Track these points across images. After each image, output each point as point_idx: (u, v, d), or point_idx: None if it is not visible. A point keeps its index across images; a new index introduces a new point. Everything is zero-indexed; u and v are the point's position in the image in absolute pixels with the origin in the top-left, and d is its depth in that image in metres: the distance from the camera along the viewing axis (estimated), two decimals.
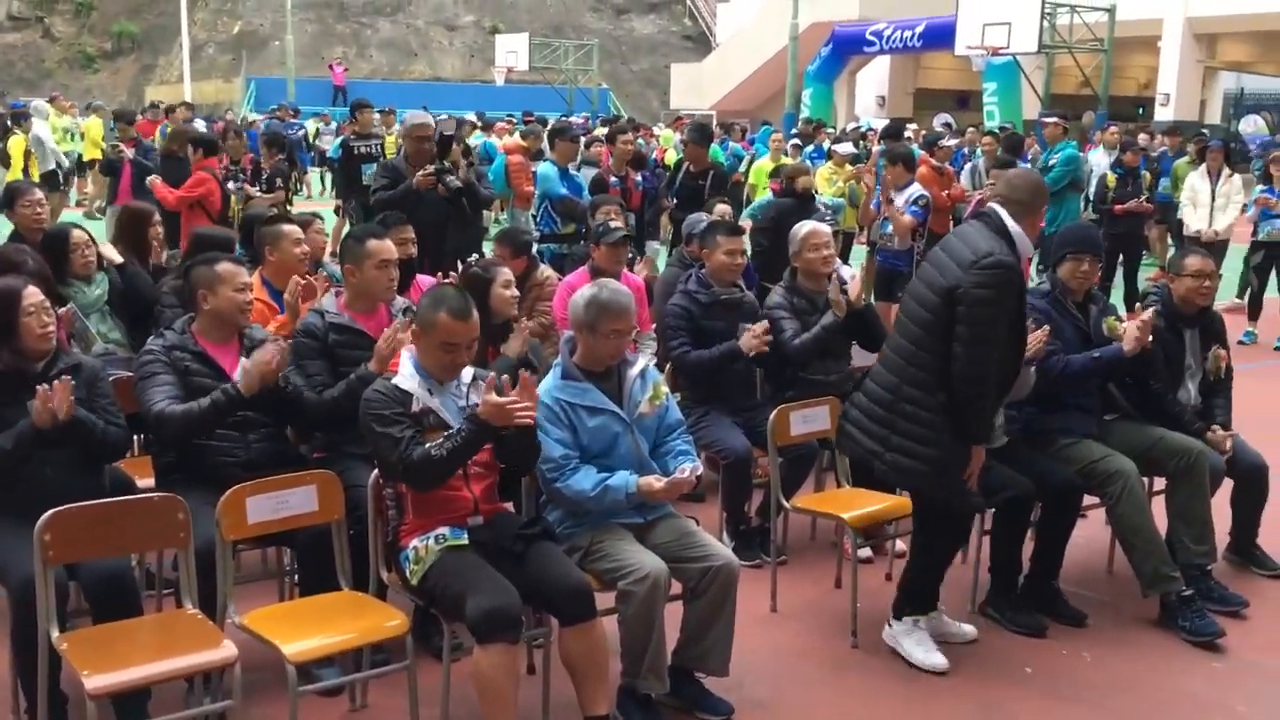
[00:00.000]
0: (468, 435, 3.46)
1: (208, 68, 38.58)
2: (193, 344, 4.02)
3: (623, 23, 44.84)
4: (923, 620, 4.26)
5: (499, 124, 19.84)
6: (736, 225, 5.83)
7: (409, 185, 7.20)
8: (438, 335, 3.59)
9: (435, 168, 7.25)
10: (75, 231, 5.28)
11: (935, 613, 4.34)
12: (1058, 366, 4.59)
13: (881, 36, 26.01)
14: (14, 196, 5.80)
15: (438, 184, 7.20)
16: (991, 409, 4.05)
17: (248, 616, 3.45)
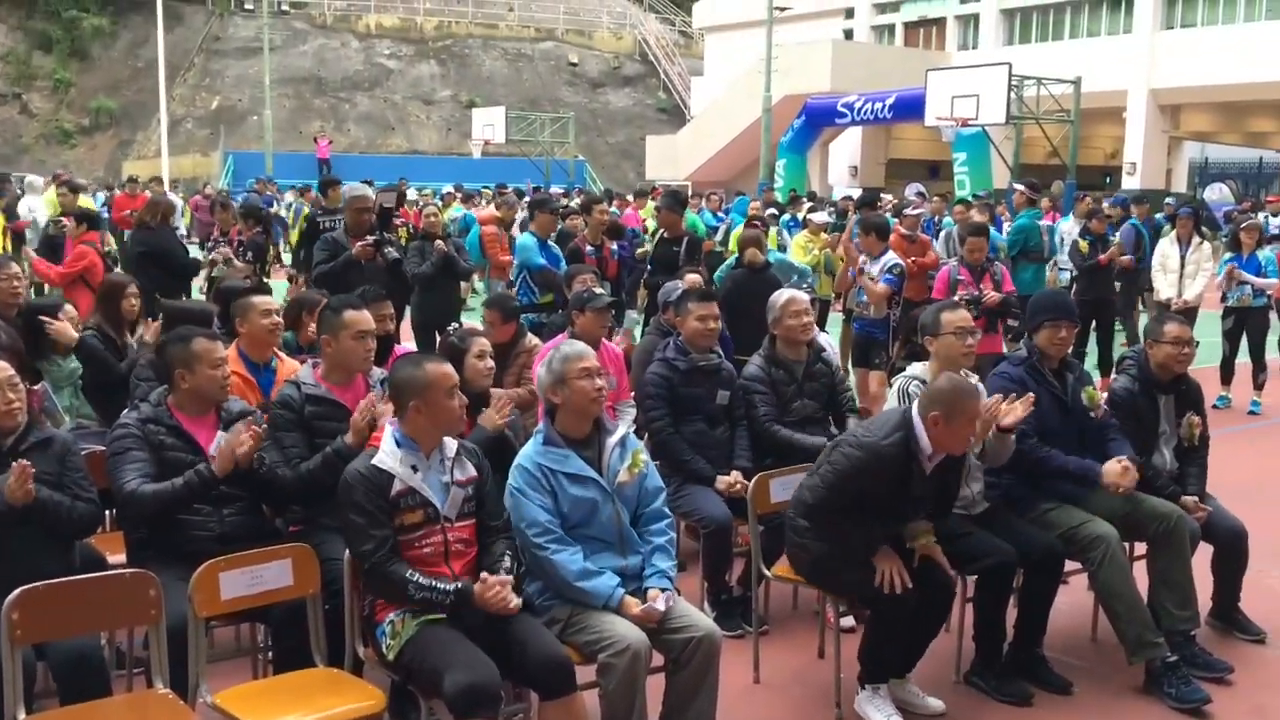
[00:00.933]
0: (452, 601, 3.44)
1: (185, 142, 38.79)
2: (168, 418, 3.98)
3: (598, 96, 45.47)
4: (883, 688, 4.21)
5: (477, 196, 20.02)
6: (708, 291, 5.86)
7: (348, 256, 7.27)
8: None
9: (374, 238, 7.33)
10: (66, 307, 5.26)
11: (900, 681, 4.29)
12: (1035, 453, 4.61)
13: (853, 108, 26.45)
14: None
15: (376, 254, 7.28)
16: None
17: (220, 695, 3.38)
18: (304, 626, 3.67)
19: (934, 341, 4.62)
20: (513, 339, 5.91)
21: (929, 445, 4.02)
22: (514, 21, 46.96)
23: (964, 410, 3.98)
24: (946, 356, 4.57)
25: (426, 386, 3.61)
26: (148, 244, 9.05)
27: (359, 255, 7.21)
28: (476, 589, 3.44)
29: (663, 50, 46.29)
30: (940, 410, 3.96)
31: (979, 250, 8.42)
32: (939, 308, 4.76)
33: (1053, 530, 4.58)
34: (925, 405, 4.03)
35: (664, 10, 49.47)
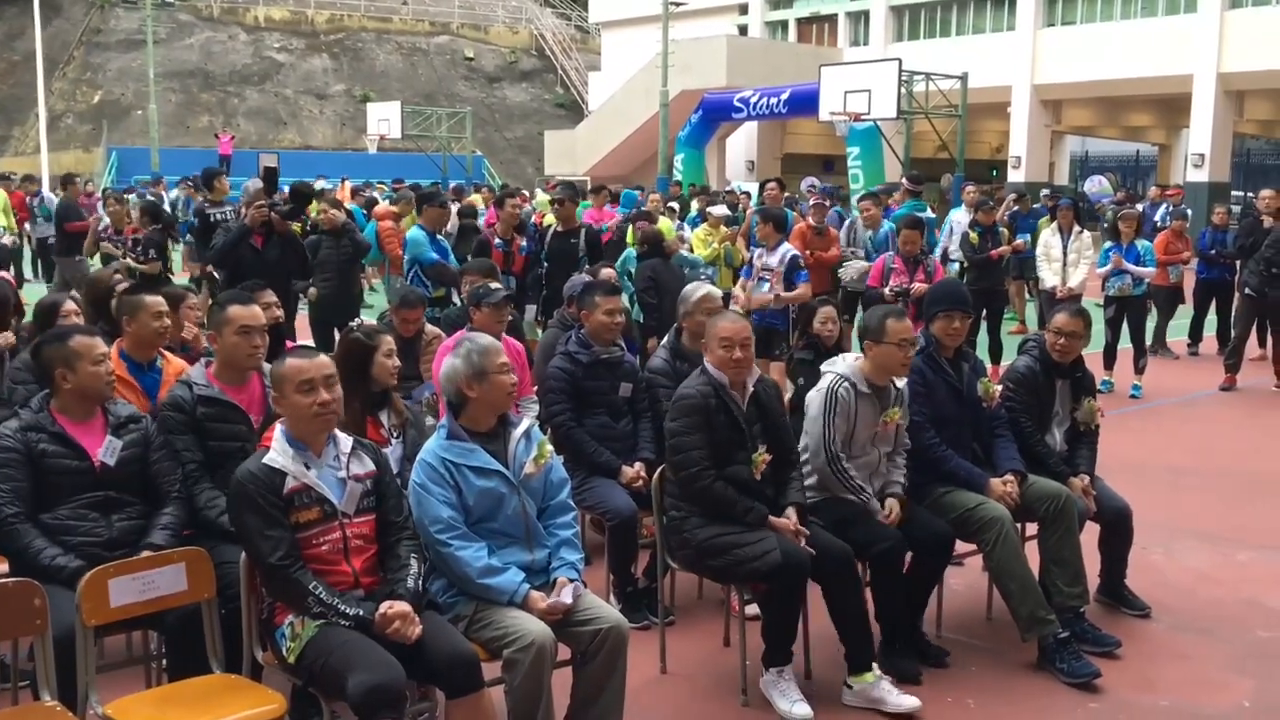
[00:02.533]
0: (351, 619, 3.36)
1: (66, 138, 37.40)
2: (51, 424, 3.81)
3: (495, 91, 45.12)
4: (787, 670, 4.26)
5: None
6: (614, 285, 5.86)
7: (242, 225, 7.14)
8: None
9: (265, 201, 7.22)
10: None
11: (866, 678, 4.31)
12: (932, 451, 4.80)
13: (749, 104, 26.70)
14: None
15: (270, 214, 7.18)
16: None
17: (111, 706, 3.27)
18: (199, 632, 3.57)
19: (874, 347, 4.66)
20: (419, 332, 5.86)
21: (725, 377, 4.40)
22: (408, 15, 46.35)
23: (713, 332, 4.45)
24: (883, 364, 4.65)
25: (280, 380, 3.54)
26: None
27: (252, 220, 7.04)
28: (377, 619, 3.36)
29: (559, 45, 46.15)
30: (705, 338, 4.55)
31: (912, 242, 8.58)
32: (885, 313, 4.73)
33: (947, 514, 4.70)
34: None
35: (560, 5, 49.34)
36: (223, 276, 7.34)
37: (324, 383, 3.55)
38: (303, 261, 7.77)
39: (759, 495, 4.37)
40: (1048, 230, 11.25)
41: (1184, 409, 10.29)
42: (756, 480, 4.39)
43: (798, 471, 4.59)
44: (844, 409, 4.60)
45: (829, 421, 4.60)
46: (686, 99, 28.72)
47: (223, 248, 7.00)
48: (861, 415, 4.65)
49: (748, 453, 4.38)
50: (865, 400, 4.65)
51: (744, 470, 4.36)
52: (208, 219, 10.23)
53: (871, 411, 4.66)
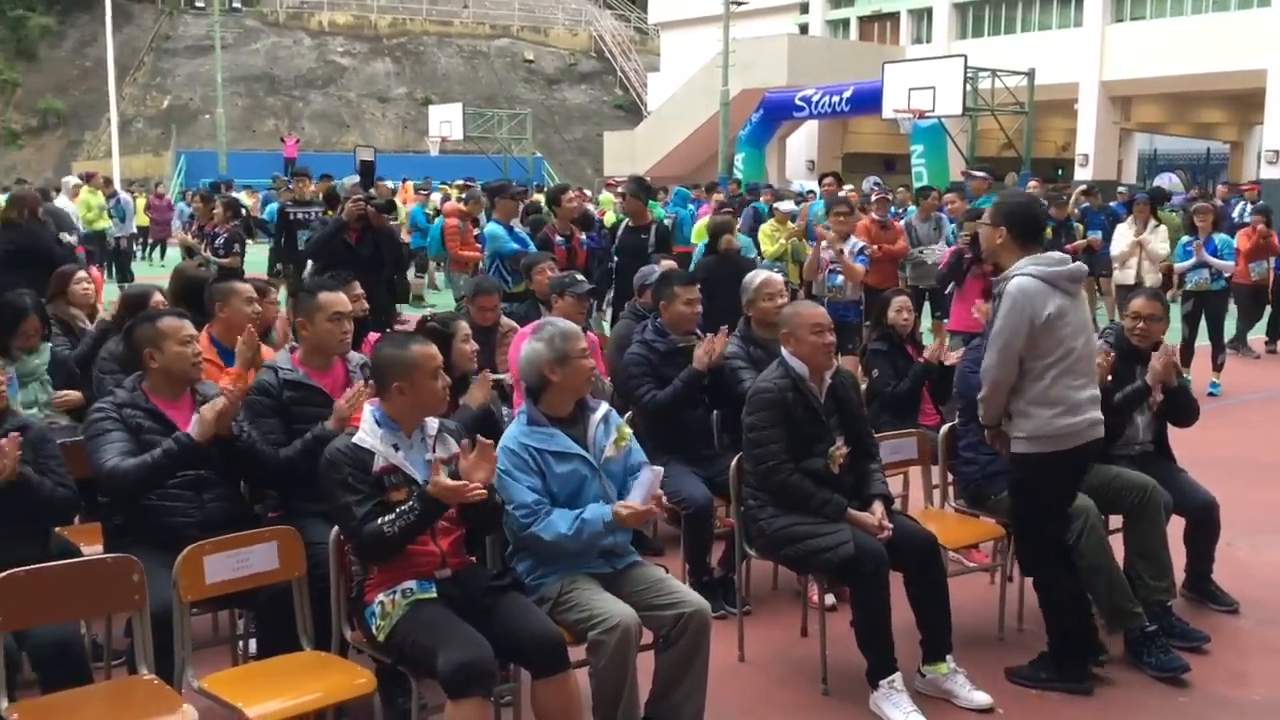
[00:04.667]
0: (420, 513, 3.39)
1: (137, 142, 38.24)
2: (144, 401, 3.91)
3: (555, 93, 45.36)
4: (898, 679, 4.15)
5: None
6: (691, 274, 5.88)
7: (338, 219, 7.20)
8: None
9: (361, 195, 7.29)
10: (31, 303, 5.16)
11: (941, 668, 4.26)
12: None
13: (810, 102, 26.57)
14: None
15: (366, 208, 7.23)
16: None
17: (206, 680, 3.32)
18: (290, 610, 3.62)
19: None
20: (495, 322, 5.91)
21: (800, 366, 4.35)
22: (468, 18, 46.76)
23: (801, 321, 4.39)
24: None
25: (412, 367, 3.57)
26: (14, 243, 8.49)
27: (350, 213, 7.12)
28: (431, 486, 3.36)
29: (618, 47, 46.26)
30: (787, 328, 4.43)
31: None
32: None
33: None
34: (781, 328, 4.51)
35: (619, 7, 49.45)
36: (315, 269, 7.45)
37: (443, 367, 3.64)
38: (396, 257, 7.86)
39: (837, 488, 4.34)
40: (1123, 225, 11.07)
41: (1266, 405, 10.06)
42: (834, 473, 4.36)
43: (878, 463, 4.55)
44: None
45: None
46: (747, 98, 28.64)
47: (318, 240, 7.10)
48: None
49: (826, 445, 4.36)
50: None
51: (820, 463, 4.33)
52: (288, 217, 10.40)
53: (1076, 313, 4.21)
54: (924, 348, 6.08)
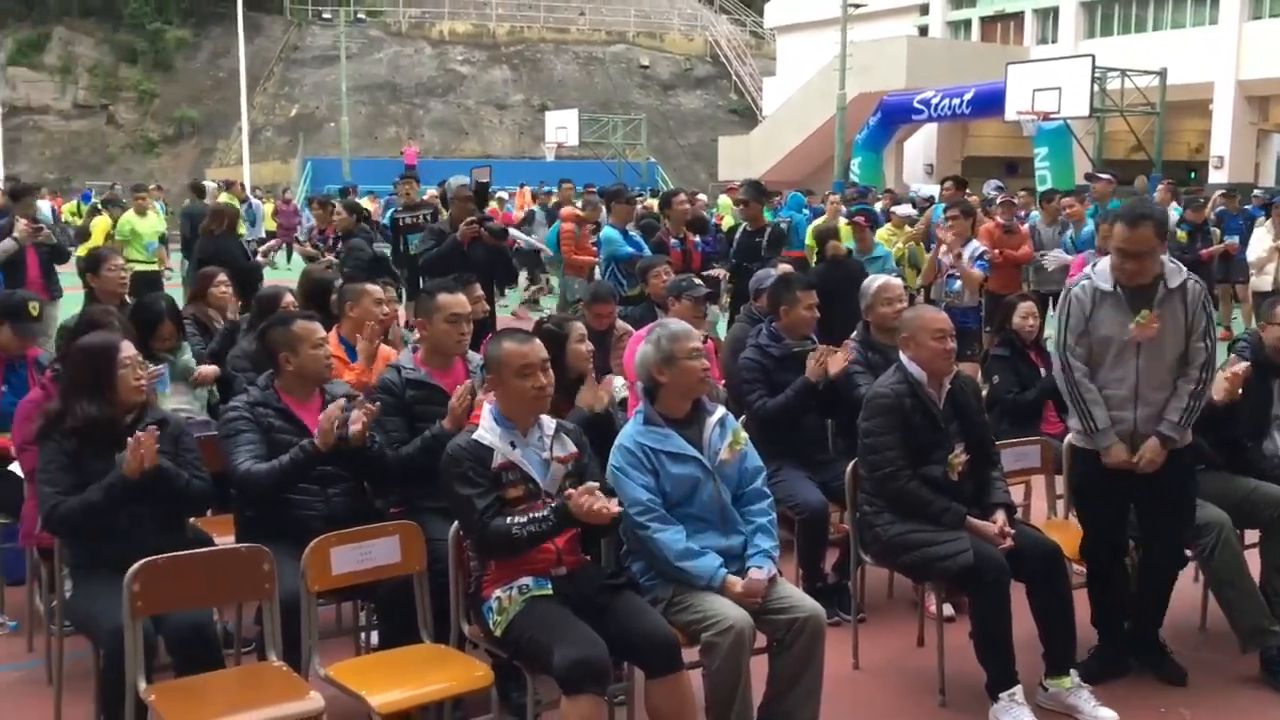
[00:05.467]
0: (553, 525, 3.44)
1: (265, 150, 39.60)
2: (275, 400, 4.05)
3: (670, 98, 45.50)
4: (1018, 692, 4.05)
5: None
6: (811, 280, 5.84)
7: (454, 239, 7.33)
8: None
9: (476, 216, 7.41)
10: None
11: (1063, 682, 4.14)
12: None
13: (929, 104, 26.13)
14: (99, 261, 5.97)
15: (480, 230, 7.35)
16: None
17: (332, 668, 3.43)
18: (411, 603, 3.71)
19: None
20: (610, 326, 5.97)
21: (920, 374, 4.27)
22: (585, 25, 47.21)
23: (922, 326, 4.31)
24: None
25: (501, 365, 3.64)
26: (205, 252, 9.15)
27: (464, 236, 7.29)
28: (570, 503, 3.40)
29: (734, 51, 46.18)
30: (907, 332, 4.35)
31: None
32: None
33: None
34: (901, 333, 4.43)
35: (735, 11, 49.38)
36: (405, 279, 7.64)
37: (541, 367, 3.64)
38: (506, 263, 8.02)
39: (956, 496, 4.26)
40: (1261, 229, 10.62)
41: None
42: (953, 480, 4.28)
43: (999, 471, 4.45)
44: (1079, 309, 4.19)
45: (1064, 323, 4.25)
46: (864, 101, 28.30)
47: (434, 258, 7.28)
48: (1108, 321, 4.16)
49: (945, 452, 4.28)
50: (1112, 302, 4.15)
51: (938, 470, 4.26)
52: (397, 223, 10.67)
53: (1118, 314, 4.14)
54: (1049, 354, 5.91)
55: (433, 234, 7.84)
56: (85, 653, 3.85)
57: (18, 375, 4.94)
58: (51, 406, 3.81)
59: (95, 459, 3.66)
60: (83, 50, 41.93)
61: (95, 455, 3.66)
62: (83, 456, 3.67)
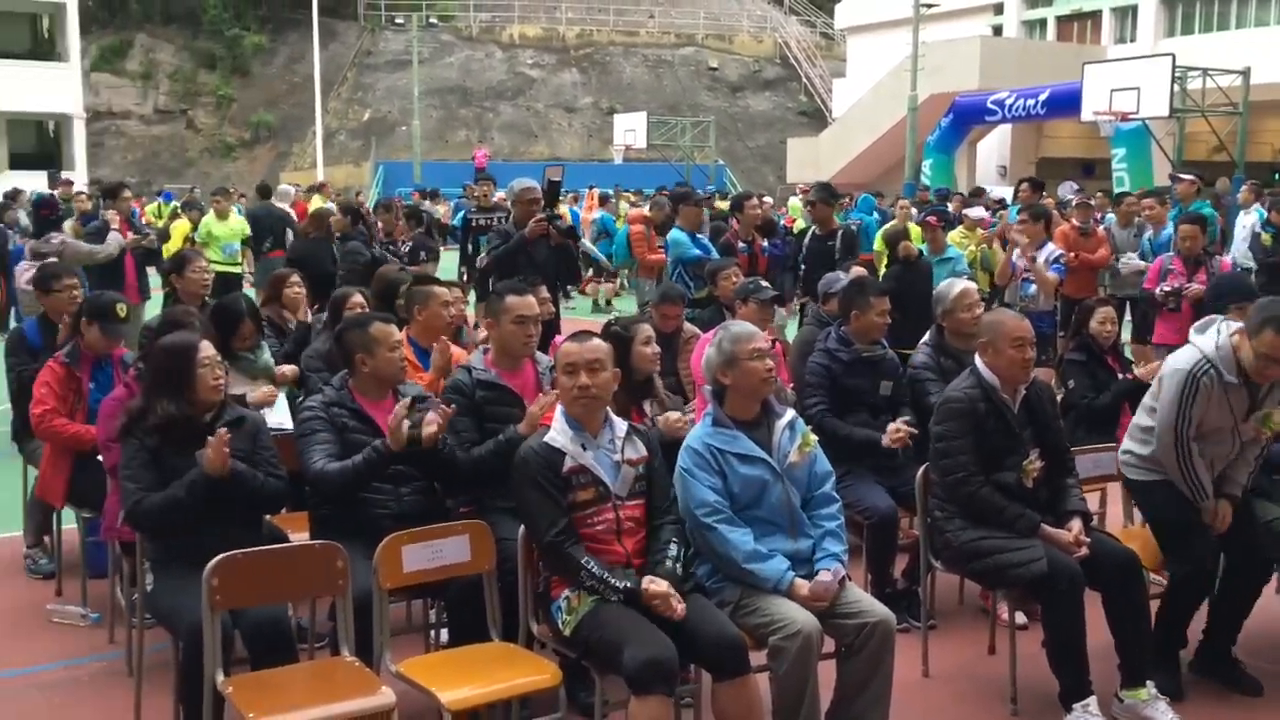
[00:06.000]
0: (619, 596, 3.45)
1: (339, 153, 40.23)
2: (350, 401, 4.11)
3: (738, 100, 45.39)
4: (1092, 703, 3.98)
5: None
6: (886, 285, 5.80)
7: (520, 236, 7.38)
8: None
9: (544, 214, 7.44)
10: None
11: (1140, 694, 4.06)
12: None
13: (1003, 105, 25.74)
14: (184, 263, 6.12)
15: (549, 229, 7.37)
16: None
17: (403, 664, 3.47)
18: (480, 601, 3.75)
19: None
20: (678, 329, 5.97)
21: (995, 379, 4.22)
22: (654, 28, 47.28)
23: (1003, 333, 4.20)
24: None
25: (556, 364, 3.69)
26: (296, 252, 9.40)
27: (531, 234, 7.33)
28: (644, 593, 3.44)
29: (804, 52, 45.93)
30: (986, 337, 4.27)
31: (1192, 239, 8.07)
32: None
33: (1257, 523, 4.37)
34: (978, 338, 4.36)
35: (805, 12, 49.12)
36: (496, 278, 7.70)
37: (586, 367, 3.65)
38: (571, 264, 8.05)
39: (1030, 503, 4.20)
40: None
41: None
42: (1028, 487, 4.22)
43: (1075, 478, 4.38)
44: (1204, 399, 4.16)
45: (1185, 410, 4.18)
46: (936, 103, 27.97)
47: (500, 256, 7.33)
48: (1221, 408, 4.19)
49: (1019, 459, 4.22)
50: (1233, 392, 4.18)
51: (1012, 476, 4.20)
52: (469, 224, 10.79)
53: (1236, 405, 4.19)
54: (1126, 360, 5.81)
55: (499, 234, 7.91)
56: (164, 645, 3.95)
57: (104, 373, 5.08)
58: (134, 404, 3.91)
59: (175, 456, 3.75)
60: (163, 56, 42.97)
61: (176, 452, 3.76)
62: (163, 454, 3.77)
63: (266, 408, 5.03)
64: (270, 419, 4.76)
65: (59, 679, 4.45)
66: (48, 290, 5.86)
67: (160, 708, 3.96)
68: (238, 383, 5.06)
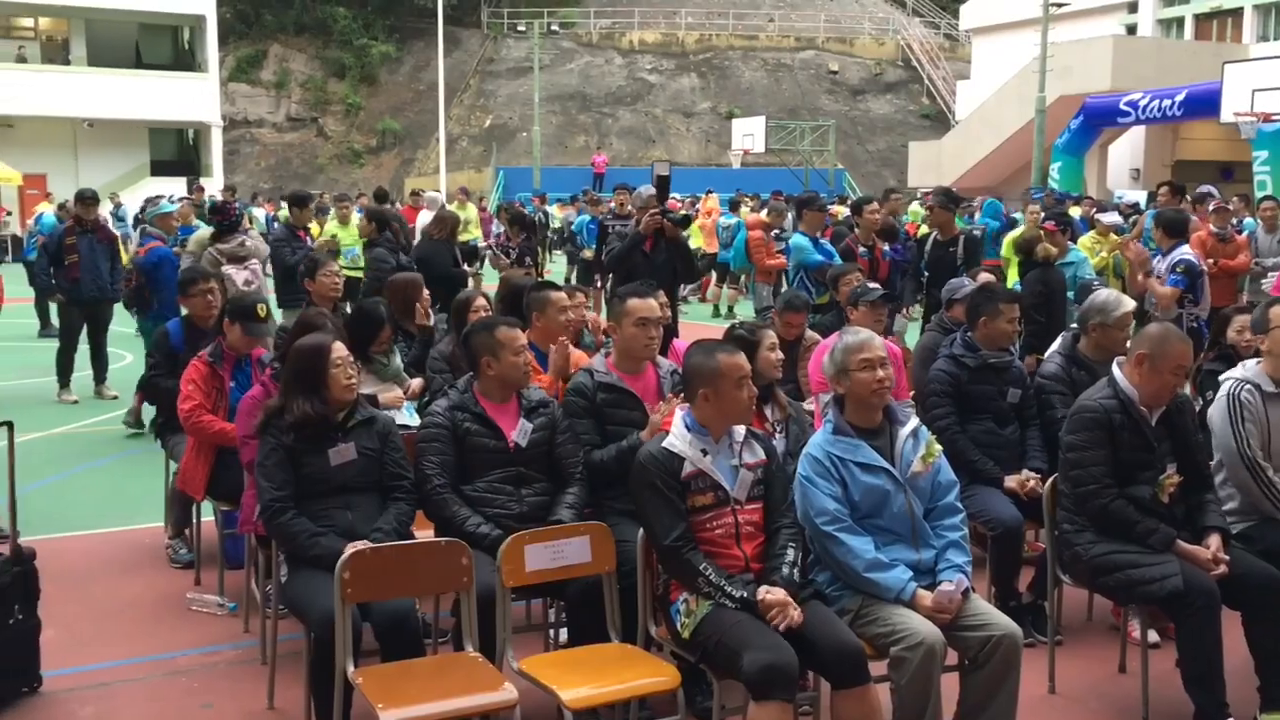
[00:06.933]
0: (734, 605, 3.44)
1: (461, 159, 41.06)
2: (474, 404, 4.18)
3: (858, 103, 44.90)
4: None
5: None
6: (1015, 292, 5.69)
7: (636, 233, 7.42)
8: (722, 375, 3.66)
9: (658, 209, 7.48)
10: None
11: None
12: None
13: (1137, 106, 24.94)
14: (316, 267, 6.32)
15: (663, 223, 7.40)
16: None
17: (524, 661, 3.53)
18: (600, 602, 3.79)
19: (1264, 339, 4.33)
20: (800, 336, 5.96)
21: (1135, 392, 4.08)
22: (774, 32, 47.09)
23: (1168, 354, 4.01)
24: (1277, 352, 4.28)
25: (718, 376, 3.65)
26: (419, 253, 9.62)
27: (647, 226, 7.38)
28: (760, 603, 3.43)
29: (927, 54, 45.20)
30: (1146, 349, 4.05)
31: None
32: (1268, 303, 4.47)
33: None
34: (1132, 346, 4.18)
35: (928, 14, 48.32)
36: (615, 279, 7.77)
37: (750, 377, 3.71)
38: (689, 265, 8.08)
39: (1165, 518, 4.07)
40: None
41: None
42: (1163, 503, 4.08)
43: (1214, 494, 4.22)
44: (1252, 413, 4.22)
45: (1238, 430, 4.22)
46: (1065, 104, 27.23)
47: (618, 254, 7.40)
48: (1274, 419, 4.26)
49: (1155, 473, 4.09)
50: (1274, 401, 4.25)
51: (1147, 491, 4.07)
52: (605, 229, 10.95)
53: None
54: None
55: (618, 236, 7.99)
56: (297, 635, 4.10)
57: (244, 373, 5.28)
58: (271, 403, 4.05)
59: (309, 453, 3.88)
60: (296, 66, 44.47)
61: (309, 450, 3.89)
62: (298, 451, 3.90)
63: (394, 410, 5.17)
64: (397, 418, 4.89)
65: (197, 664, 4.64)
66: (186, 294, 6.12)
67: (292, 696, 4.11)
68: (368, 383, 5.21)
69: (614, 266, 7.34)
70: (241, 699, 4.29)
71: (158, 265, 8.59)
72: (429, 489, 4.03)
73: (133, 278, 8.45)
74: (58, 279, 9.80)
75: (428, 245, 9.82)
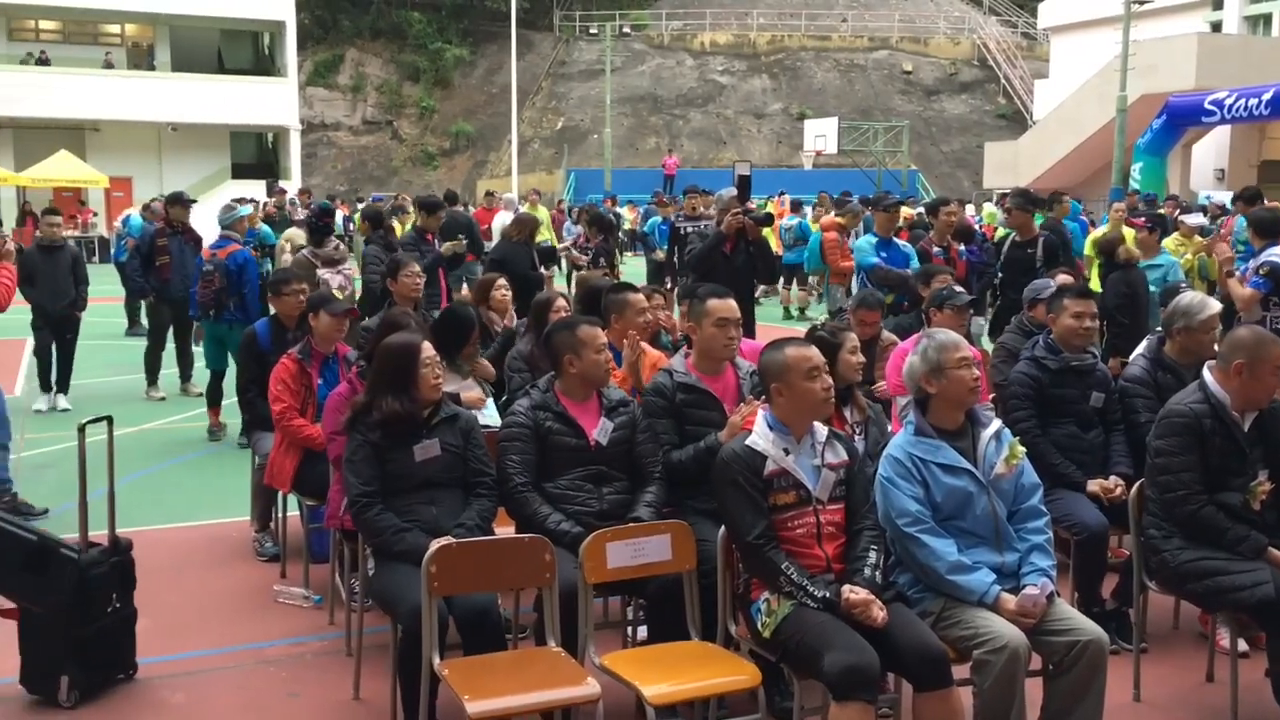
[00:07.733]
0: (816, 604, 3.44)
1: (533, 161, 41.37)
2: (555, 403, 4.24)
3: (933, 104, 44.38)
4: None
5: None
6: (1086, 288, 5.58)
7: (719, 233, 7.42)
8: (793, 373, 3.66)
9: (737, 209, 7.49)
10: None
11: None
12: None
13: (1222, 106, 24.31)
14: (397, 268, 6.44)
15: (745, 223, 7.40)
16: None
17: (606, 657, 3.57)
18: (680, 600, 3.81)
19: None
20: (876, 335, 5.94)
21: (1226, 396, 4.04)
22: (847, 32, 46.73)
23: (1266, 357, 3.96)
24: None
25: (786, 370, 3.66)
26: (498, 253, 9.75)
27: (729, 226, 7.39)
28: (843, 603, 3.43)
29: (1003, 54, 44.53)
30: (1243, 358, 3.99)
31: None
32: None
33: None
34: (1226, 355, 4.07)
35: (1005, 12, 47.61)
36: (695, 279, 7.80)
37: (825, 369, 3.72)
38: (769, 266, 8.08)
39: (1256, 525, 3.99)
40: None
41: None
42: (1254, 510, 4.00)
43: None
44: None
45: None
46: (1147, 104, 26.66)
47: (700, 254, 7.43)
48: None
49: (1245, 479, 4.01)
50: None
51: (1237, 497, 3.99)
52: (678, 232, 10.99)
53: None
54: None
55: (699, 236, 8.02)
56: (381, 629, 4.18)
57: (331, 370, 5.40)
58: (358, 400, 4.14)
59: (395, 449, 3.96)
60: (371, 70, 45.15)
61: (395, 446, 3.97)
62: (384, 447, 3.98)
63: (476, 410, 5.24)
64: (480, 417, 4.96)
65: (284, 655, 4.75)
66: (278, 294, 6.26)
67: (376, 687, 4.19)
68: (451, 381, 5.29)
69: (694, 266, 7.36)
70: (327, 689, 4.39)
71: (242, 267, 8.79)
72: (510, 487, 4.10)
73: (215, 279, 8.64)
74: (149, 279, 10.07)
75: (506, 247, 9.95)
